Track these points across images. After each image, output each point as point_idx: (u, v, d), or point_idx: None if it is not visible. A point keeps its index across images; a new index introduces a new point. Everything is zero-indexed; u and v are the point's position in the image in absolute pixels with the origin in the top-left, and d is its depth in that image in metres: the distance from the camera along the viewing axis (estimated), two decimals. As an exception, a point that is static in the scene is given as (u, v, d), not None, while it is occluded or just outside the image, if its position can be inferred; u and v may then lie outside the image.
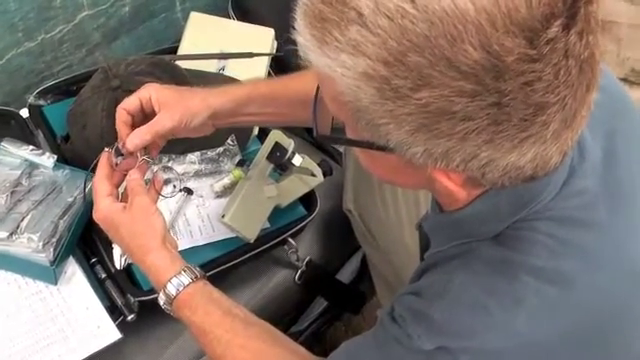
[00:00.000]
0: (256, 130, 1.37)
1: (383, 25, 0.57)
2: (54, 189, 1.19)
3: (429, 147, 0.61)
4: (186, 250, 1.19)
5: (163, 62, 1.28)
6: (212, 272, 1.15)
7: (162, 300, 0.95)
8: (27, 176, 1.20)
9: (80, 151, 1.24)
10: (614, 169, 0.78)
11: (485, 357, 0.73)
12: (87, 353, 1.10)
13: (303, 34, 0.62)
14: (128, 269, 1.17)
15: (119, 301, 1.15)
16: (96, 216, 0.98)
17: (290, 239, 1.28)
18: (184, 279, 0.94)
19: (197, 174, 1.29)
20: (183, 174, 1.27)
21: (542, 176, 0.66)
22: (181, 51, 1.46)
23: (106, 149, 1.00)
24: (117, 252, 1.17)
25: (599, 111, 0.65)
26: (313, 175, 1.27)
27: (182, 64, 1.37)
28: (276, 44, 1.52)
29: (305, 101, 0.77)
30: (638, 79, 1.64)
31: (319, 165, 1.29)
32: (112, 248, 1.17)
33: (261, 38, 1.50)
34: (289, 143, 1.23)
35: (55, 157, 1.23)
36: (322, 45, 0.60)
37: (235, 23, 1.57)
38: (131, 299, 1.14)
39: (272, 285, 1.30)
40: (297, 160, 1.22)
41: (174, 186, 1.12)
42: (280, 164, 1.23)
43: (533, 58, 0.57)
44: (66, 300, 1.14)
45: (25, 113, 1.35)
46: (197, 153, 1.29)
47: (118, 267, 1.17)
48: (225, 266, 1.21)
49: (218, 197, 1.28)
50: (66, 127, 1.29)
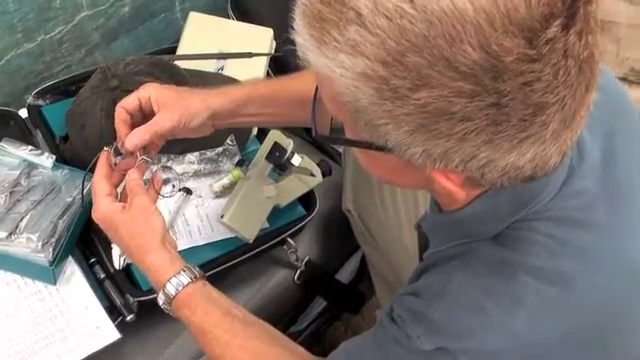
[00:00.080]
0: (255, 130, 1.37)
1: (382, 25, 0.57)
2: (53, 189, 1.19)
3: (428, 147, 0.61)
4: (185, 250, 1.19)
5: (162, 62, 1.28)
6: (211, 272, 1.15)
7: (161, 300, 0.95)
8: (26, 176, 1.20)
9: (79, 151, 1.24)
10: (613, 169, 0.78)
11: (484, 358, 0.73)
12: (86, 353, 1.09)
13: (302, 34, 0.62)
14: (127, 269, 1.17)
15: (118, 301, 1.15)
16: (95, 216, 0.98)
17: (289, 239, 1.28)
18: (183, 279, 0.93)
19: (196, 174, 1.29)
20: (182, 174, 1.27)
21: (541, 176, 0.66)
22: (180, 51, 1.45)
23: (105, 149, 1.00)
24: (116, 252, 1.16)
25: (598, 111, 0.65)
26: (312, 175, 1.27)
27: (181, 64, 1.36)
28: (275, 44, 1.51)
29: (304, 101, 0.77)
30: (637, 78, 1.64)
31: (318, 165, 1.28)
32: (111, 248, 1.17)
33: (260, 38, 1.50)
34: (288, 143, 1.22)
35: (54, 157, 1.23)
36: (321, 45, 0.60)
37: (234, 23, 1.57)
38: (130, 299, 1.14)
39: (271, 285, 1.30)
40: (296, 160, 1.22)
41: (173, 186, 1.12)
42: (279, 164, 1.22)
43: (532, 58, 0.56)
44: (65, 300, 1.14)
45: (24, 113, 1.35)
46: (196, 153, 1.29)
47: (117, 267, 1.16)
48: (224, 266, 1.21)
49: (217, 197, 1.28)
50: (65, 127, 1.29)
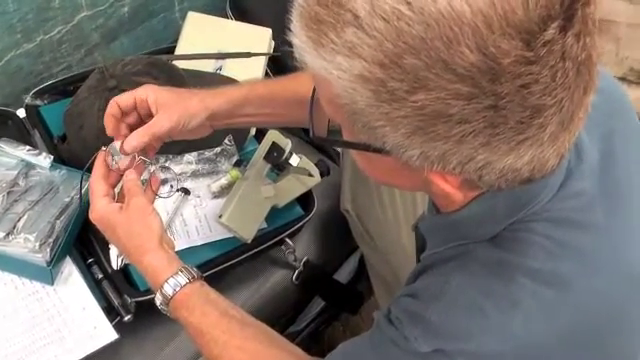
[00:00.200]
0: (253, 130, 1.37)
1: (379, 27, 0.57)
2: (51, 189, 1.19)
3: (425, 150, 0.61)
4: (183, 250, 1.19)
5: (160, 62, 1.28)
6: (209, 272, 1.15)
7: (159, 300, 0.94)
8: (24, 176, 1.20)
9: (77, 151, 1.24)
10: (611, 170, 0.78)
11: (482, 360, 0.73)
12: (84, 353, 1.10)
13: (299, 36, 0.62)
14: (125, 269, 1.17)
15: (116, 301, 1.15)
16: (92, 216, 0.97)
17: (287, 239, 1.28)
18: (181, 279, 0.93)
19: (194, 174, 1.29)
20: (180, 174, 1.27)
21: (539, 178, 0.66)
22: (178, 51, 1.45)
23: (103, 149, 1.00)
24: (114, 252, 1.16)
25: (596, 113, 0.65)
26: (310, 175, 1.27)
27: (179, 64, 1.36)
28: (274, 44, 1.51)
29: (302, 102, 0.76)
30: (637, 78, 1.64)
31: (316, 165, 1.28)
32: (109, 248, 1.17)
33: (259, 38, 1.49)
34: (286, 143, 1.22)
35: (52, 157, 1.22)
36: (318, 47, 0.60)
37: (233, 23, 1.57)
38: (128, 299, 1.14)
39: (269, 285, 1.30)
40: (294, 160, 1.22)
41: (171, 186, 1.12)
42: (277, 164, 1.22)
43: (530, 60, 0.56)
44: (63, 300, 1.14)
45: (22, 113, 1.35)
46: (194, 153, 1.29)
47: (115, 267, 1.16)
48: (222, 266, 1.21)
49: (215, 197, 1.28)
50: (63, 127, 1.29)
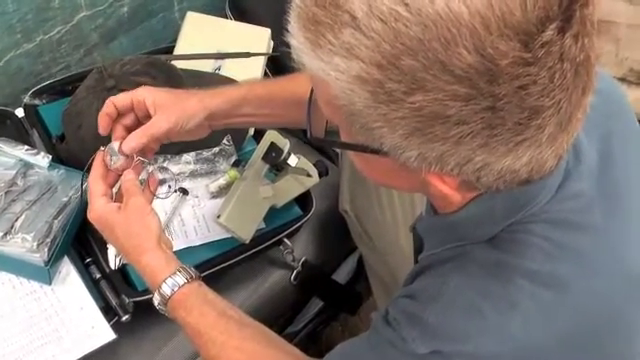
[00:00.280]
0: (252, 130, 1.37)
1: (377, 28, 0.56)
2: (49, 189, 1.19)
3: (423, 151, 0.61)
4: (181, 250, 1.19)
5: (159, 62, 1.28)
6: (207, 272, 1.15)
7: (157, 300, 0.94)
8: (22, 176, 1.20)
9: (75, 151, 1.24)
10: (610, 171, 0.78)
11: (479, 362, 0.73)
12: (81, 353, 1.09)
13: (297, 37, 0.62)
14: (123, 269, 1.17)
15: (114, 301, 1.15)
16: (91, 216, 0.97)
17: (286, 239, 1.28)
18: (179, 279, 0.93)
19: (192, 174, 1.29)
20: (178, 174, 1.27)
21: (537, 179, 0.66)
22: (177, 51, 1.45)
23: (101, 149, 1.00)
24: (112, 252, 1.16)
25: (595, 114, 0.65)
26: (309, 175, 1.26)
27: (178, 64, 1.36)
28: (273, 44, 1.51)
29: (301, 103, 0.76)
30: (637, 79, 1.63)
31: (315, 165, 1.28)
32: (107, 248, 1.17)
33: (258, 38, 1.49)
34: (285, 143, 1.22)
35: (50, 157, 1.22)
36: (315, 48, 0.60)
37: (232, 23, 1.56)
38: (126, 299, 1.14)
39: (268, 286, 1.30)
40: (293, 160, 1.22)
41: (169, 186, 1.12)
42: (276, 164, 1.22)
43: (528, 61, 0.56)
44: (60, 300, 1.14)
45: (20, 113, 1.34)
46: (192, 153, 1.29)
47: (113, 267, 1.16)
48: (220, 266, 1.20)
49: (213, 197, 1.28)
50: (61, 127, 1.29)
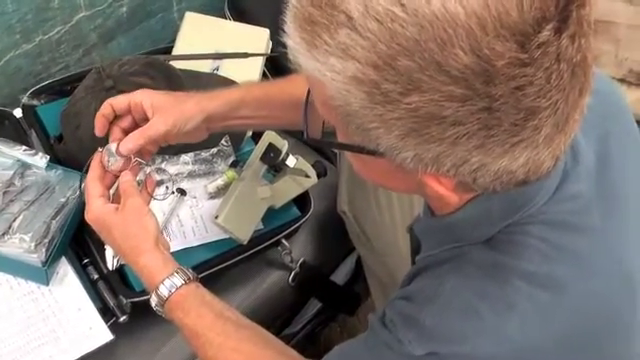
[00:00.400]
0: (250, 131, 1.36)
1: (373, 29, 0.56)
2: (47, 189, 1.18)
3: (419, 152, 0.61)
4: (179, 251, 1.19)
5: (157, 62, 1.28)
6: (205, 273, 1.14)
7: (154, 302, 0.94)
8: (20, 176, 1.20)
9: (73, 151, 1.24)
10: (608, 172, 0.78)
11: (476, 363, 0.73)
12: (79, 354, 1.09)
13: (293, 37, 0.61)
14: (120, 270, 1.17)
15: (111, 302, 1.15)
16: (88, 217, 0.97)
17: (284, 240, 1.27)
18: (176, 280, 0.93)
19: (191, 175, 1.29)
20: (177, 175, 1.27)
21: (534, 181, 0.65)
22: (176, 51, 1.45)
23: (99, 150, 1.00)
24: (109, 253, 1.16)
25: (593, 114, 0.64)
26: (307, 176, 1.26)
27: (176, 64, 1.36)
28: (271, 44, 1.51)
29: (298, 104, 0.76)
30: (636, 80, 1.63)
31: (313, 166, 1.28)
32: (104, 249, 1.17)
33: (256, 38, 1.49)
34: (283, 144, 1.22)
35: (48, 157, 1.22)
36: (311, 48, 0.60)
37: (230, 23, 1.56)
38: (123, 300, 1.14)
39: (266, 287, 1.29)
40: (291, 161, 1.22)
41: (166, 187, 1.12)
42: (274, 165, 1.22)
43: (524, 62, 0.56)
44: (58, 301, 1.14)
45: (19, 113, 1.34)
46: (191, 154, 1.29)
47: (110, 268, 1.16)
48: (218, 267, 1.20)
49: (211, 198, 1.28)
50: (59, 127, 1.29)
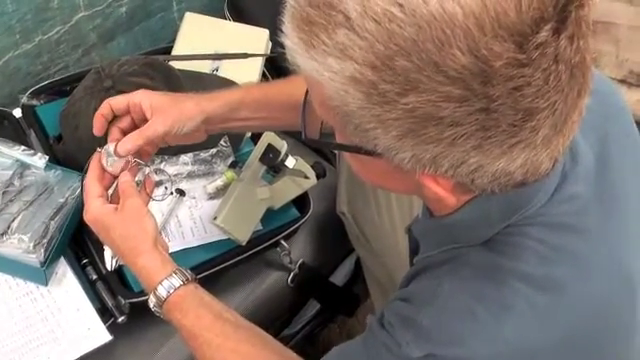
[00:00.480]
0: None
1: (370, 29, 0.56)
2: (45, 190, 1.18)
3: (417, 152, 0.61)
4: (177, 252, 1.18)
5: (156, 62, 1.28)
6: (204, 274, 1.14)
7: (152, 302, 0.94)
8: (19, 176, 1.20)
9: (72, 152, 1.24)
10: (607, 174, 0.78)
11: (474, 365, 0.73)
12: (77, 354, 1.09)
13: (290, 37, 0.61)
14: (119, 271, 1.17)
15: (110, 303, 1.15)
16: (87, 217, 0.97)
17: (283, 241, 1.27)
18: (175, 281, 0.93)
19: (190, 175, 1.29)
20: (176, 175, 1.27)
21: (533, 182, 0.65)
22: (175, 51, 1.45)
23: (98, 150, 1.00)
24: (108, 254, 1.16)
25: (592, 116, 0.64)
26: (306, 177, 1.26)
27: (176, 64, 1.36)
28: (271, 45, 1.51)
29: (297, 106, 0.76)
30: (636, 81, 1.63)
31: (312, 167, 1.27)
32: (103, 250, 1.16)
33: (256, 39, 1.49)
34: (282, 145, 1.21)
35: (47, 157, 1.22)
36: (309, 49, 0.60)
37: (230, 23, 1.56)
38: (122, 301, 1.14)
39: (265, 288, 1.29)
40: (290, 162, 1.21)
41: (165, 188, 1.12)
42: (273, 166, 1.22)
43: (522, 63, 0.56)
44: (57, 301, 1.14)
45: (18, 113, 1.34)
46: (190, 154, 1.29)
47: (109, 268, 1.16)
48: (217, 268, 1.20)
49: (210, 198, 1.27)
50: (59, 127, 1.29)
